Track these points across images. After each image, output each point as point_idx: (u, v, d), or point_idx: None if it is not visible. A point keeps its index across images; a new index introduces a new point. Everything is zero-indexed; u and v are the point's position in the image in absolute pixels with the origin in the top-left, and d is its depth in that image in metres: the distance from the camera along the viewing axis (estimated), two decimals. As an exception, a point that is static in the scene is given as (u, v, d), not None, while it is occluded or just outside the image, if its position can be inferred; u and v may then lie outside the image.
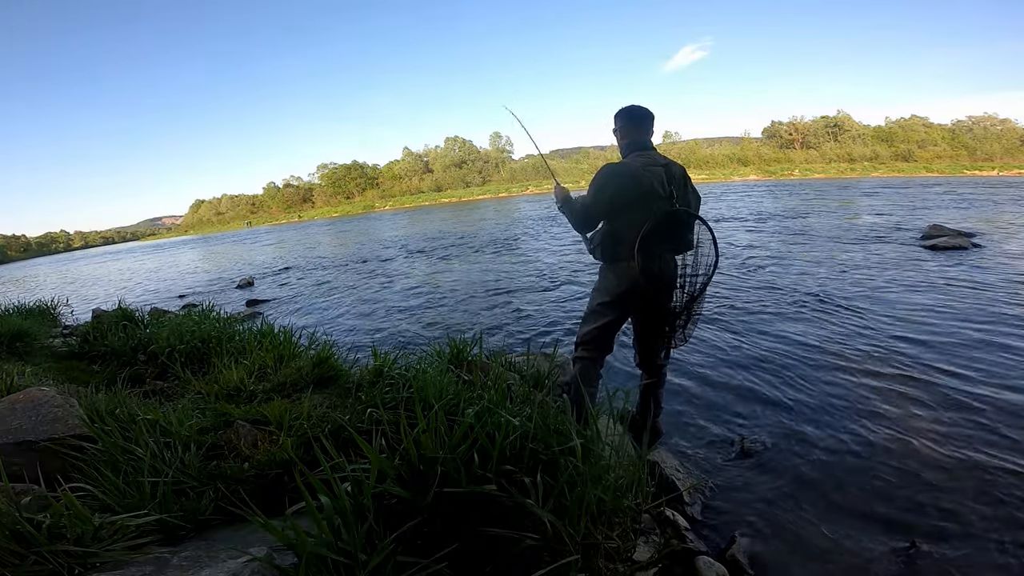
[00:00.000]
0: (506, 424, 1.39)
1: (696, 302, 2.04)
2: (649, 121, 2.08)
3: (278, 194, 75.20)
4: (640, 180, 1.89)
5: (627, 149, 2.08)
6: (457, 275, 8.15)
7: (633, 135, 2.07)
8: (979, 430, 2.27)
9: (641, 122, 2.07)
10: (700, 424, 2.54)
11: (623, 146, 2.11)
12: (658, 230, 1.88)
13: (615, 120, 2.13)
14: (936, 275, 5.22)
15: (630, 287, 1.98)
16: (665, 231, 1.91)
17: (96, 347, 3.75)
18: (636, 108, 2.09)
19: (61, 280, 17.81)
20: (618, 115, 2.12)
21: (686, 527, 1.67)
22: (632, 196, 1.90)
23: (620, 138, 2.12)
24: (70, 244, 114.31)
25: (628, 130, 2.09)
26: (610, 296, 2.05)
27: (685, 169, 2.06)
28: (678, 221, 1.94)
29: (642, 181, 1.89)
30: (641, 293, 1.97)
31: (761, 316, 4.28)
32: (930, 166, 42.63)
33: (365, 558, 1.02)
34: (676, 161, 2.04)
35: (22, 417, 1.85)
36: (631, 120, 2.08)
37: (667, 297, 2.03)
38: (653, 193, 1.89)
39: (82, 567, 1.14)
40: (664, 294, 2.02)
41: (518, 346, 4.06)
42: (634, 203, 1.90)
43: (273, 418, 1.90)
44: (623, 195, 1.92)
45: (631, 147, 2.06)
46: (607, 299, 2.07)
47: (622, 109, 2.12)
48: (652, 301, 2.02)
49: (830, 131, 54.23)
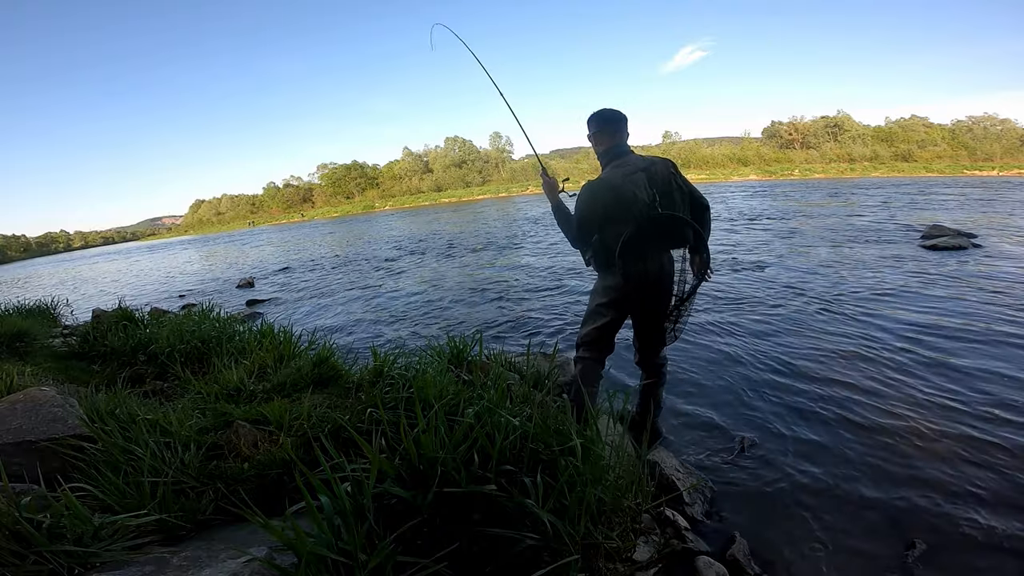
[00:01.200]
0: (506, 424, 1.40)
1: (688, 300, 2.04)
2: (623, 124, 2.05)
3: (278, 194, 75.21)
4: (621, 191, 1.89)
5: (605, 158, 2.06)
6: (457, 275, 8.15)
7: (608, 141, 2.04)
8: (980, 431, 2.27)
9: (615, 126, 2.04)
10: (700, 424, 2.53)
11: (600, 154, 2.08)
12: (644, 234, 1.89)
13: (588, 126, 2.10)
14: (936, 275, 5.22)
15: (624, 290, 2.00)
16: (655, 234, 1.92)
17: (96, 347, 3.75)
18: (608, 112, 2.06)
19: (61, 280, 17.81)
20: (590, 121, 2.08)
21: (686, 527, 1.67)
22: (615, 209, 1.90)
23: (596, 144, 2.08)
24: (70, 244, 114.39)
25: (603, 136, 2.05)
26: (607, 298, 2.08)
27: (671, 164, 2.01)
28: (665, 223, 1.91)
29: (623, 192, 1.89)
30: (635, 295, 1.99)
31: (761, 316, 4.27)
32: (930, 166, 42.60)
33: (365, 558, 1.02)
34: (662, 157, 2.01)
35: (22, 417, 1.85)
36: (605, 125, 2.05)
37: (663, 294, 2.04)
38: (636, 201, 1.88)
39: (82, 567, 1.14)
40: (657, 292, 2.03)
41: (518, 346, 4.06)
42: (617, 215, 1.90)
43: (273, 418, 1.90)
44: (607, 210, 1.92)
45: (608, 155, 2.04)
46: (604, 300, 2.09)
47: (593, 115, 2.08)
48: (646, 301, 2.03)
49: (830, 131, 54.23)
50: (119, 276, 16.44)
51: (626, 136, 2.07)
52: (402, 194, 64.06)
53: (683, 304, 2.04)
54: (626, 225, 1.88)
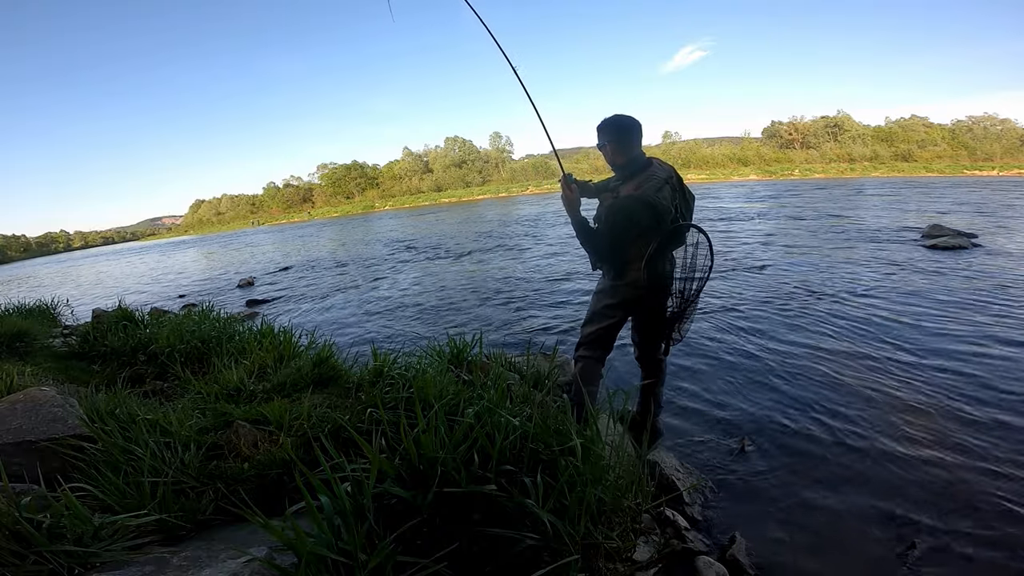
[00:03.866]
0: (506, 424, 1.40)
1: (692, 303, 2.03)
2: (640, 131, 1.93)
3: (278, 194, 75.18)
4: (657, 208, 1.83)
5: (626, 170, 1.94)
6: (457, 275, 8.15)
7: (628, 152, 1.92)
8: (980, 430, 2.27)
9: (634, 135, 1.91)
10: (700, 424, 2.54)
11: (619, 167, 1.96)
12: (664, 243, 1.89)
13: (601, 135, 1.95)
14: (936, 275, 5.22)
15: (635, 293, 1.97)
16: (670, 241, 1.93)
17: (96, 347, 3.75)
18: (625, 119, 1.92)
19: (61, 280, 17.81)
20: (604, 129, 1.93)
21: (686, 527, 1.67)
22: (649, 224, 1.86)
23: (613, 155, 1.95)
24: (70, 244, 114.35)
25: (622, 147, 1.92)
26: (617, 299, 2.03)
27: (675, 170, 1.99)
28: (682, 231, 1.94)
29: (659, 209, 1.84)
30: (646, 299, 1.98)
31: (760, 316, 4.28)
32: (930, 166, 42.59)
33: (365, 558, 1.02)
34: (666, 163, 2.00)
35: (22, 417, 1.85)
36: (624, 134, 1.91)
37: (666, 294, 2.04)
38: (666, 215, 1.86)
39: (82, 567, 1.14)
40: (665, 293, 2.03)
41: (518, 346, 4.06)
42: (648, 230, 1.87)
43: (273, 418, 1.90)
44: (642, 227, 1.87)
45: (630, 168, 1.92)
46: (613, 302, 2.04)
47: (608, 122, 1.93)
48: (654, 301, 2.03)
49: (830, 131, 54.21)
50: (119, 276, 16.44)
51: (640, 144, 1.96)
52: (402, 194, 64.03)
53: (690, 305, 2.03)
54: (655, 235, 1.86)
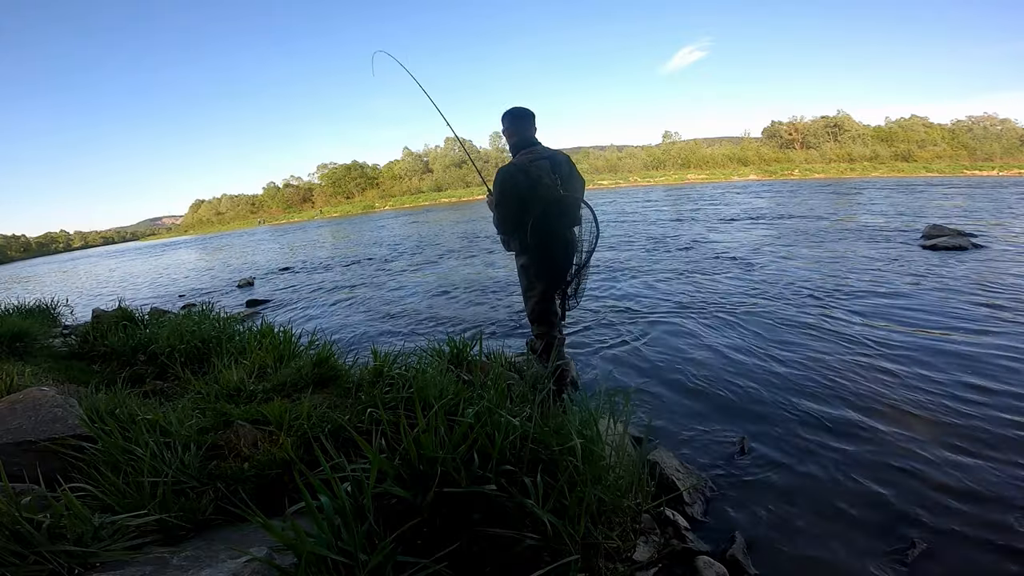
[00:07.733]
0: (506, 424, 1.40)
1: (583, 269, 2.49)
2: (531, 120, 2.45)
3: (278, 194, 75.16)
4: (529, 173, 2.24)
5: (516, 148, 2.43)
6: (457, 275, 8.15)
7: (518, 134, 2.44)
8: (982, 432, 2.27)
9: (524, 121, 2.44)
10: (700, 424, 2.53)
11: (512, 144, 2.46)
12: (551, 212, 2.26)
13: (502, 121, 2.48)
14: (936, 275, 5.22)
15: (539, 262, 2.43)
16: (558, 212, 2.30)
17: (96, 347, 3.75)
18: (519, 109, 2.45)
19: (61, 279, 17.80)
20: (504, 117, 2.47)
21: (686, 527, 1.67)
22: (525, 188, 2.25)
23: (508, 136, 2.48)
24: (70, 244, 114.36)
25: (514, 129, 2.45)
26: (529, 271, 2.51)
27: (569, 158, 2.44)
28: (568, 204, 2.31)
29: (531, 174, 2.24)
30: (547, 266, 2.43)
31: (760, 316, 4.27)
32: (930, 166, 42.54)
33: (365, 558, 1.02)
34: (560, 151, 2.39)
35: (22, 417, 1.85)
36: (516, 120, 2.45)
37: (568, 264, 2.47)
38: (541, 183, 2.23)
39: (82, 567, 1.14)
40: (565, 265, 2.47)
41: (518, 346, 4.06)
42: (528, 195, 2.25)
43: (273, 418, 1.90)
44: (518, 190, 2.26)
45: (519, 145, 2.42)
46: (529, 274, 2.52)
47: (507, 112, 2.47)
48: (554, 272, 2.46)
49: (830, 131, 54.18)
50: (119, 276, 16.44)
51: (534, 130, 2.45)
52: (402, 194, 64.01)
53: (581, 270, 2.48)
54: (536, 205, 2.23)
